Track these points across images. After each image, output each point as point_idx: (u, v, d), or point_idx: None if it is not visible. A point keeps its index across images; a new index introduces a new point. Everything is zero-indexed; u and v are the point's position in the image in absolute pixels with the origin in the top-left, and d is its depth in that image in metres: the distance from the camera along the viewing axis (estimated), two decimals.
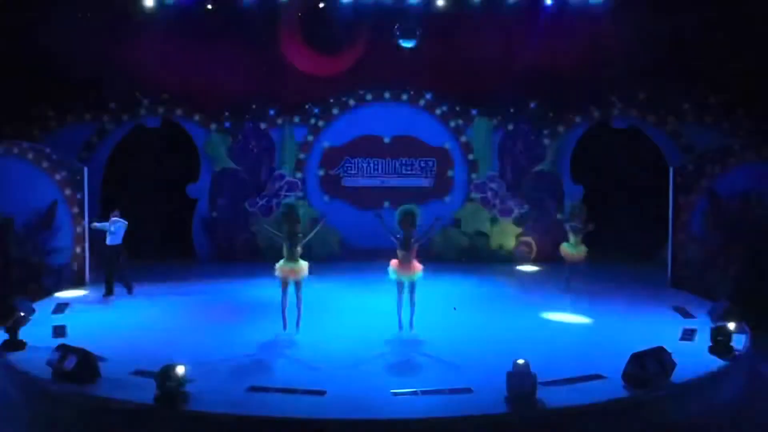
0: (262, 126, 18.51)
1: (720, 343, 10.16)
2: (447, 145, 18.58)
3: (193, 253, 18.51)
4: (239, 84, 17.78)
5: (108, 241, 14.12)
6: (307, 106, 18.50)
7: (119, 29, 16.73)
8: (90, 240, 15.47)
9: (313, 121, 18.53)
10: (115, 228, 14.09)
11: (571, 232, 14.58)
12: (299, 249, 11.62)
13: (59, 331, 11.33)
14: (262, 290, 13.74)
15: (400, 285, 11.66)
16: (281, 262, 11.67)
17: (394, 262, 11.64)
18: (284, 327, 11.69)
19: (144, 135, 18.47)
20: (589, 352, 10.38)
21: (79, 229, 15.28)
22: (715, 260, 14.36)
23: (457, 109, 18.51)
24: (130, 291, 14.28)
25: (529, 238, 18.45)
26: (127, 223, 14.21)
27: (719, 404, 9.37)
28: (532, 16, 17.27)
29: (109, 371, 9.19)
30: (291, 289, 11.70)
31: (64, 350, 9.12)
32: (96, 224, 14.33)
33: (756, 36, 16.04)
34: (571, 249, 14.58)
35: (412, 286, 11.63)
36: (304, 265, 11.72)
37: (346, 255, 18.13)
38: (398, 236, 11.56)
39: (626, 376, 8.88)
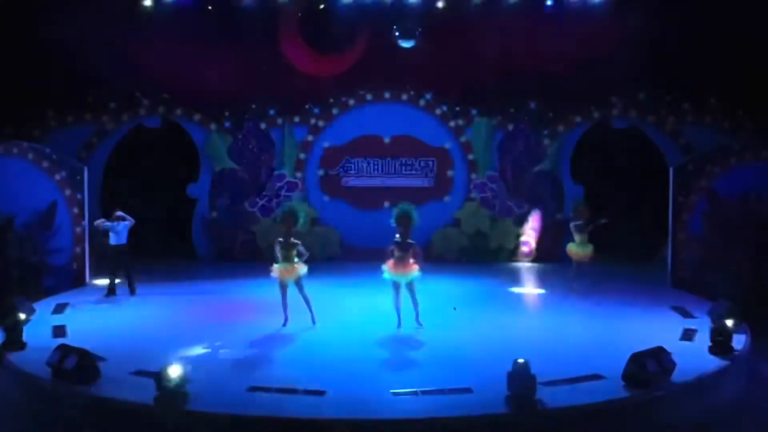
0: (262, 126, 18.52)
1: (720, 343, 10.15)
2: (447, 145, 18.58)
3: (193, 253, 18.52)
4: (239, 84, 17.79)
5: (112, 241, 14.12)
6: (307, 106, 18.51)
7: (119, 29, 16.70)
8: (90, 239, 15.48)
9: (313, 121, 18.55)
10: (121, 227, 14.08)
11: (575, 231, 14.57)
12: (294, 252, 11.65)
13: (59, 331, 11.32)
14: (262, 290, 13.73)
15: (396, 284, 11.68)
16: (276, 264, 11.77)
17: (389, 262, 11.62)
18: (285, 323, 11.85)
19: (144, 135, 18.48)
20: (589, 352, 10.37)
21: (79, 229, 15.27)
22: (715, 260, 14.36)
23: (457, 109, 18.51)
24: (132, 292, 14.25)
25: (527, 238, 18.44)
26: (131, 222, 14.17)
27: (719, 404, 9.37)
28: (532, 16, 17.27)
29: (109, 371, 9.19)
30: (292, 288, 11.80)
31: (64, 350, 9.11)
32: (104, 223, 14.23)
33: (756, 36, 16.03)
34: (577, 248, 14.59)
35: (411, 286, 11.65)
36: (298, 265, 11.76)
37: (346, 255, 18.13)
38: (395, 238, 11.58)
39: (626, 376, 8.87)
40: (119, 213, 14.17)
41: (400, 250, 11.53)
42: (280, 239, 11.76)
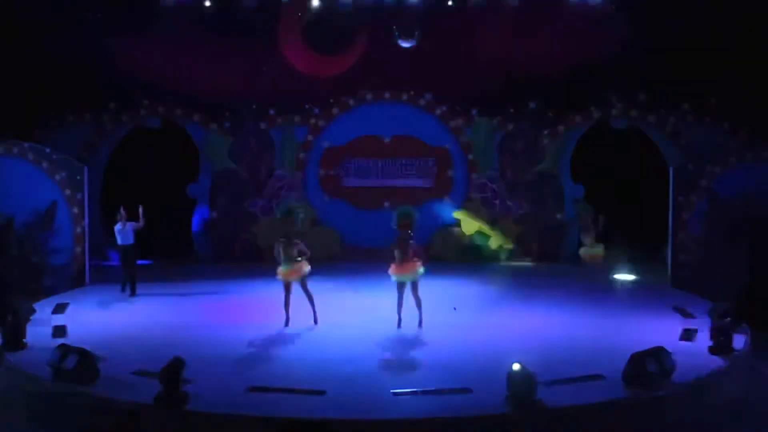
0: (262, 126, 18.51)
1: (720, 343, 10.15)
2: (447, 145, 18.57)
3: (193, 253, 18.51)
4: (239, 84, 17.78)
5: (119, 242, 14.19)
6: (307, 106, 18.50)
7: (119, 29, 16.71)
8: (90, 240, 15.49)
9: (313, 121, 18.54)
10: (128, 228, 14.10)
11: (584, 234, 14.61)
12: (296, 251, 11.66)
13: (59, 331, 11.32)
14: (262, 290, 13.75)
15: (401, 285, 11.72)
16: (280, 266, 11.79)
17: (393, 266, 11.67)
18: (286, 323, 11.87)
19: (144, 135, 18.46)
20: (589, 352, 10.37)
21: (79, 229, 15.26)
22: (715, 260, 14.36)
23: (457, 109, 18.50)
24: (133, 293, 14.23)
25: None
26: (137, 223, 14.19)
27: (719, 404, 9.37)
28: (532, 16, 17.25)
29: (109, 371, 9.19)
30: (297, 288, 11.85)
31: (64, 350, 9.12)
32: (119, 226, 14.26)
33: (756, 36, 16.03)
34: (588, 250, 14.65)
35: (414, 285, 11.68)
36: (302, 263, 11.78)
37: (346, 255, 18.12)
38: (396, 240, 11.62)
39: (626, 376, 8.88)
40: (122, 214, 14.18)
41: (401, 251, 11.55)
42: (282, 239, 11.77)
